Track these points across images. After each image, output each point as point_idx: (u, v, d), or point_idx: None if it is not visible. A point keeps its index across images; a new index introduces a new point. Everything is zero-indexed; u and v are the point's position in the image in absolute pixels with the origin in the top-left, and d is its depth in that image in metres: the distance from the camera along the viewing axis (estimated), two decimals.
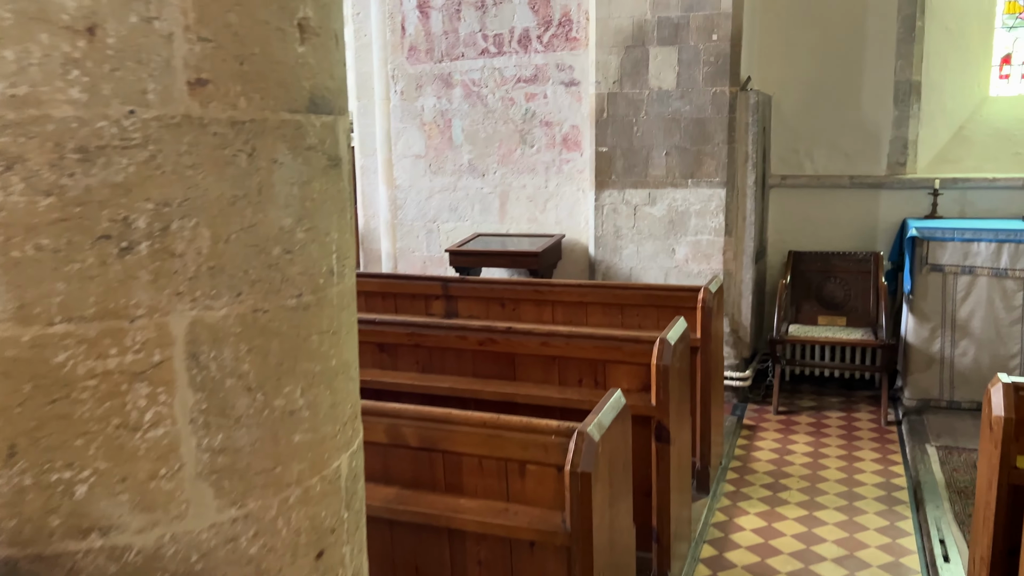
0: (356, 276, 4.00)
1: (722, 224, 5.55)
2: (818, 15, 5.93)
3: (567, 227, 6.18)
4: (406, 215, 6.73)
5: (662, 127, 5.61)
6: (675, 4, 5.48)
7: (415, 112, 6.51)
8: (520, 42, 6.07)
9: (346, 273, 1.38)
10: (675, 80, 5.54)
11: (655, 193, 5.68)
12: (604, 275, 5.90)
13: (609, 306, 4.19)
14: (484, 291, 4.45)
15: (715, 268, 5.61)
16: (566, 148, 6.06)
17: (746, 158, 5.58)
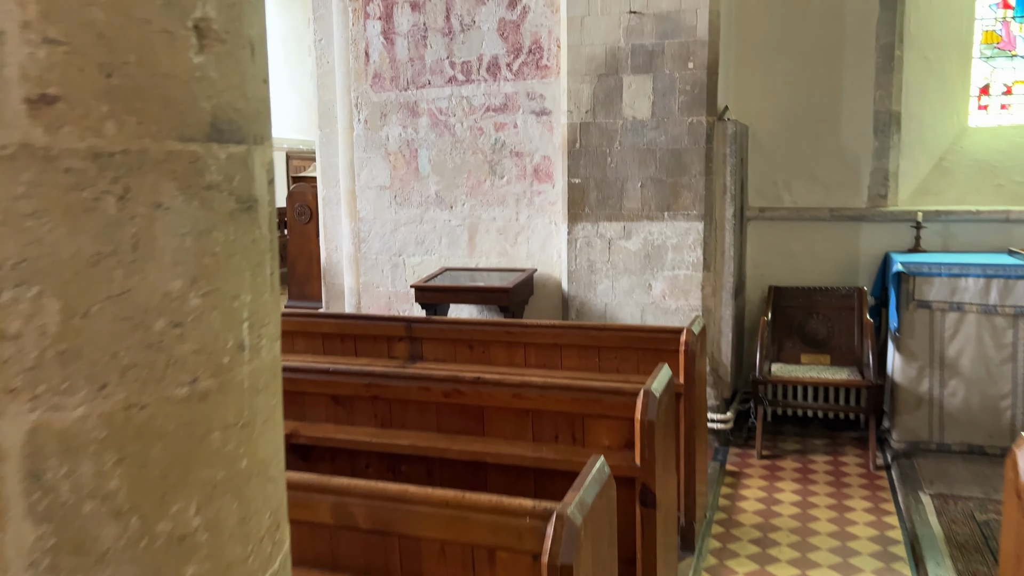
0: (315, 316, 3.56)
1: (700, 258, 5.31)
2: (796, 43, 5.78)
3: (539, 261, 5.91)
4: (370, 248, 6.42)
5: (637, 158, 5.38)
6: (649, 31, 5.29)
7: (380, 142, 6.23)
8: (489, 70, 5.84)
9: (263, 345, 1.08)
10: (650, 109, 5.33)
11: (630, 226, 5.44)
12: (578, 311, 5.63)
13: (585, 348, 3.91)
14: (451, 332, 4.14)
15: (693, 304, 5.36)
16: (537, 179, 5.82)
17: (724, 190, 5.37)
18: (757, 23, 5.85)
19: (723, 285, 5.42)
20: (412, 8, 6.00)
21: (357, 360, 4.26)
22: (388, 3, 6.07)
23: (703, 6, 5.16)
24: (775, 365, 5.35)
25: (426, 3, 5.95)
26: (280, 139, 16.25)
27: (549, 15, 5.64)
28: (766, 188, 5.97)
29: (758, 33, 5.86)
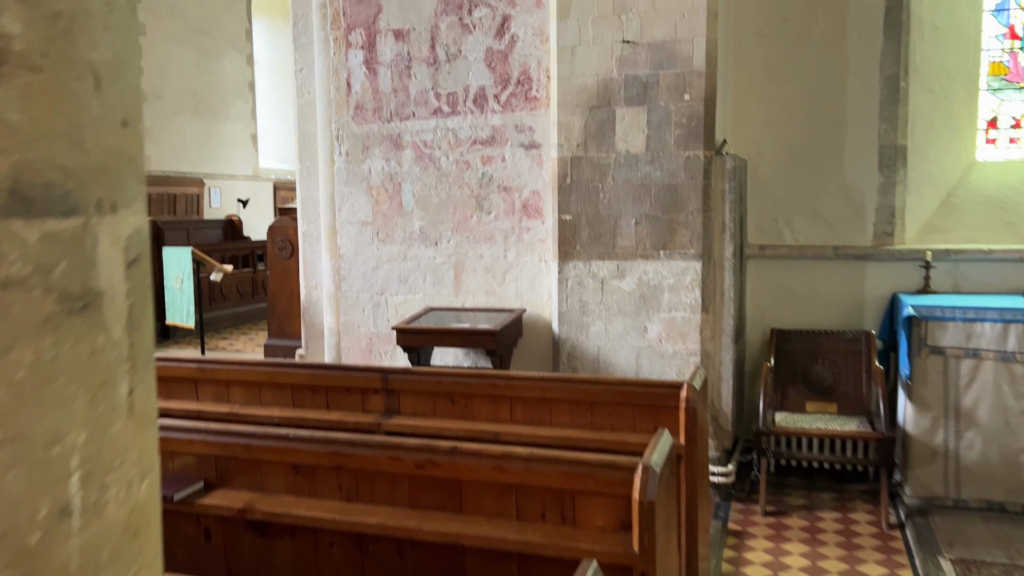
0: (283, 365, 3.11)
1: (698, 300, 5.01)
2: (796, 74, 5.54)
3: (528, 301, 5.60)
4: (351, 287, 6.10)
5: (631, 194, 5.10)
6: (643, 61, 5.03)
7: (361, 175, 5.94)
8: (476, 101, 5.57)
9: (110, 499, 0.76)
10: (644, 143, 5.06)
11: (624, 265, 5.14)
12: (569, 354, 5.31)
13: (577, 404, 3.58)
14: (431, 384, 3.81)
15: (692, 348, 5.05)
16: (526, 215, 5.53)
17: (723, 228, 5.09)
18: (756, 52, 5.61)
19: (723, 328, 5.12)
20: (396, 37, 5.74)
21: (329, 414, 3.92)
22: (371, 32, 5.81)
23: (700, 35, 4.91)
24: (779, 414, 5.02)
25: (410, 32, 5.70)
26: (267, 169, 16.00)
27: (539, 45, 5.39)
28: (766, 225, 5.69)
29: (757, 63, 5.61)
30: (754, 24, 5.60)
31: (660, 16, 4.98)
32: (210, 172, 14.21)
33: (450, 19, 5.59)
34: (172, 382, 4.28)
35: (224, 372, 4.16)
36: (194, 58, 13.69)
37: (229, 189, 14.73)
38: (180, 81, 13.38)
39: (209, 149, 14.22)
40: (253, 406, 4.10)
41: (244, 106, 15.22)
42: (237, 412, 4.04)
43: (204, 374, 4.20)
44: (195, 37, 13.66)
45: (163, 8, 12.90)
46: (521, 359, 5.55)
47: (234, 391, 4.17)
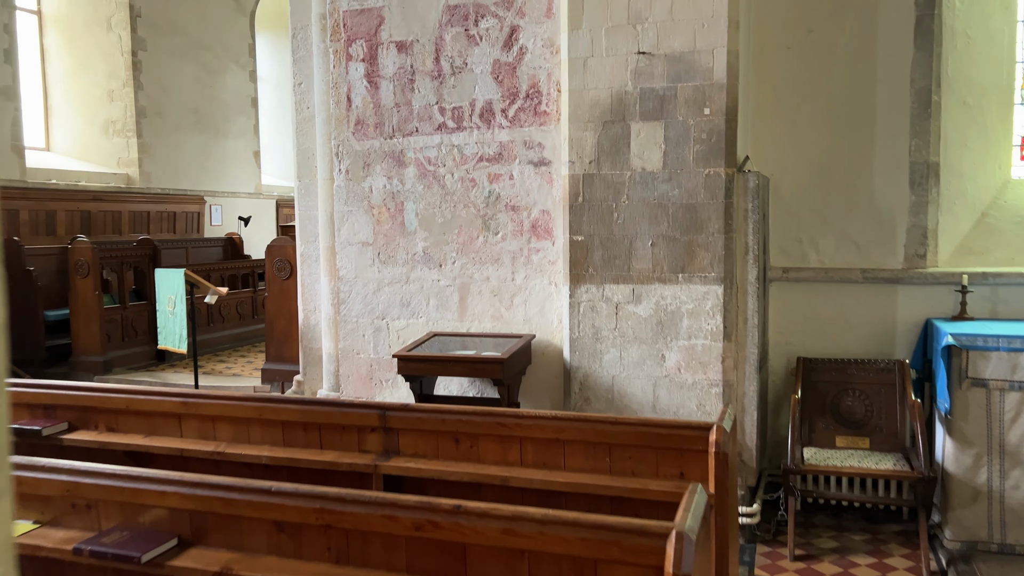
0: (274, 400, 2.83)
1: (720, 326, 4.69)
2: (822, 87, 5.24)
3: (537, 326, 5.29)
4: (351, 310, 5.79)
5: (647, 213, 4.80)
6: (660, 73, 4.74)
7: (362, 194, 5.65)
8: (482, 116, 5.29)
9: None
10: (661, 160, 4.76)
11: (640, 289, 4.83)
12: (582, 384, 4.99)
13: (593, 445, 3.26)
14: (433, 423, 3.49)
15: (713, 378, 4.72)
16: (536, 236, 5.22)
17: (746, 249, 4.77)
18: (778, 65, 5.32)
19: (746, 357, 4.79)
20: (398, 49, 5.47)
21: (322, 454, 3.60)
22: (372, 44, 5.54)
23: (720, 46, 4.62)
24: (808, 450, 4.68)
25: (413, 44, 5.42)
26: (270, 186, 15.75)
27: (549, 56, 5.10)
28: (790, 246, 5.38)
29: (779, 76, 5.32)
30: (776, 35, 5.31)
31: (678, 26, 4.69)
32: (211, 189, 13.96)
33: (455, 30, 5.31)
34: (155, 417, 3.97)
35: (210, 407, 3.84)
36: (195, 74, 13.48)
37: (231, 207, 14.47)
38: (181, 97, 13.16)
39: (210, 166, 13.98)
40: (240, 444, 3.79)
41: (247, 122, 14.99)
42: (223, 451, 3.73)
43: (188, 409, 3.88)
44: (197, 53, 13.46)
45: (164, 23, 12.70)
46: (530, 388, 5.23)
47: (221, 427, 3.85)
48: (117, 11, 12.07)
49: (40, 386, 4.21)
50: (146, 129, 12.46)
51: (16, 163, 10.43)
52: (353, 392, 5.81)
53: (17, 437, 4.05)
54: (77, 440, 3.98)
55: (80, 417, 4.11)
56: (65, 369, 8.79)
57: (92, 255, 8.61)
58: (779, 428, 5.39)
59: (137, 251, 9.58)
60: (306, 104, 6.47)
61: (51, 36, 12.02)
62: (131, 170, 12.37)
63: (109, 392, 4.04)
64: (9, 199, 10.18)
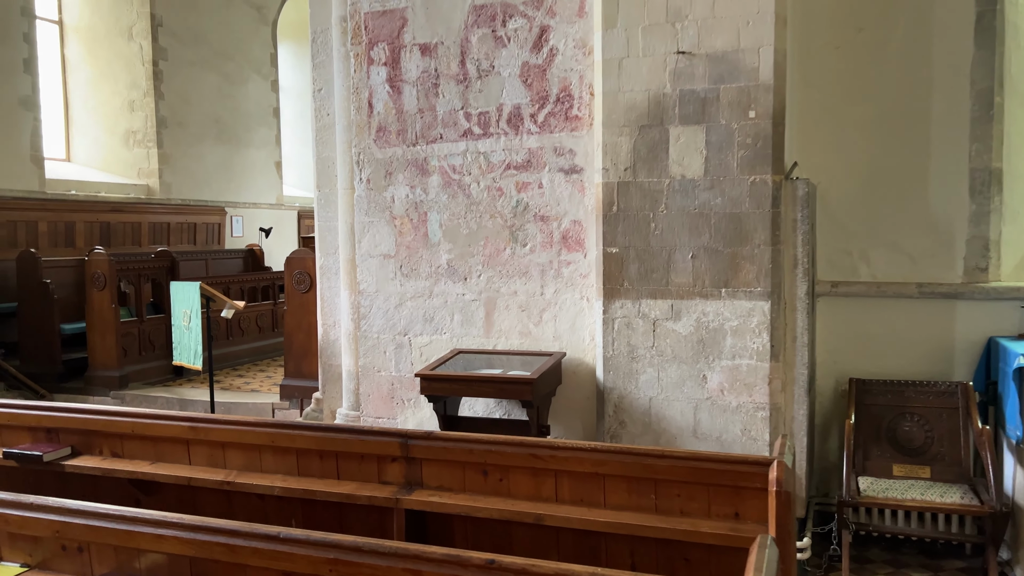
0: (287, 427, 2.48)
1: (767, 345, 4.36)
2: (873, 88, 4.91)
3: (568, 343, 4.98)
4: (371, 326, 5.51)
5: (687, 224, 4.48)
6: (701, 74, 4.43)
7: (384, 204, 5.38)
8: (510, 122, 5.01)
9: None
10: (702, 166, 4.45)
11: (679, 305, 4.51)
12: (616, 406, 4.67)
13: (638, 481, 2.94)
14: (459, 453, 3.19)
15: (759, 401, 4.39)
16: (566, 248, 4.92)
17: (795, 262, 4.44)
18: (825, 66, 5.00)
19: (795, 378, 4.45)
20: (422, 52, 5.21)
21: (339, 486, 3.32)
22: (395, 47, 5.29)
23: (767, 44, 4.31)
24: (863, 480, 4.33)
25: (438, 46, 5.16)
26: (292, 197, 15.60)
27: (581, 58, 4.82)
28: (838, 259, 5.04)
29: (827, 78, 4.99)
30: (823, 34, 4.99)
31: (721, 23, 4.39)
32: (232, 200, 13.82)
33: (482, 31, 5.05)
34: (162, 443, 3.71)
35: (219, 432, 3.57)
36: (217, 84, 13.36)
37: (252, 218, 14.33)
38: (203, 107, 13.04)
39: (231, 177, 13.84)
40: (252, 473, 3.51)
41: (268, 133, 14.87)
42: (233, 481, 3.46)
43: (197, 434, 3.62)
44: (218, 63, 13.34)
45: (186, 33, 12.60)
46: (560, 410, 4.92)
47: (231, 454, 3.58)
48: (138, 20, 11.98)
49: (42, 408, 3.97)
50: (167, 139, 12.33)
51: (36, 174, 10.32)
52: (373, 412, 5.54)
53: (17, 463, 3.81)
54: (80, 467, 3.73)
55: (84, 441, 3.86)
56: (81, 384, 8.61)
57: (109, 267, 8.43)
58: (827, 453, 5.04)
59: (155, 263, 9.39)
60: (326, 111, 6.24)
61: (72, 46, 11.94)
62: (151, 181, 12.25)
63: (114, 416, 3.79)
64: (28, 210, 10.06)
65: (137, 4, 11.97)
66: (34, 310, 8.74)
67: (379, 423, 5.47)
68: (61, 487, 3.89)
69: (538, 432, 4.56)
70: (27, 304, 8.80)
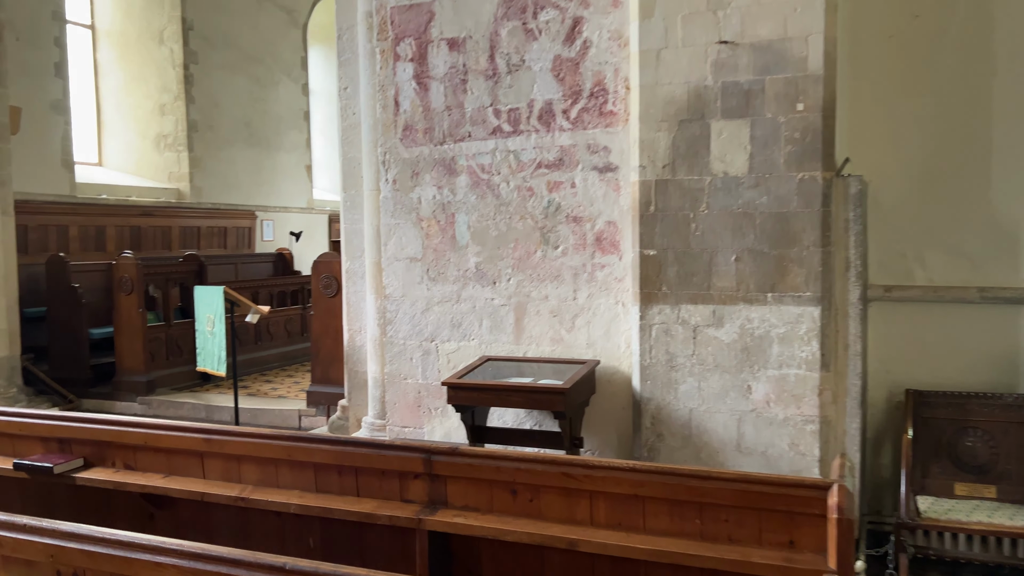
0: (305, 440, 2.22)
1: (816, 354, 4.07)
2: (929, 79, 4.60)
3: (602, 351, 4.73)
4: (397, 331, 5.31)
5: (730, 224, 4.21)
6: (745, 65, 4.16)
7: (410, 205, 5.18)
8: (541, 118, 4.78)
9: None
10: (747, 163, 4.17)
11: (722, 310, 4.24)
12: (654, 418, 4.41)
13: (681, 504, 2.69)
14: (487, 470, 2.96)
15: (808, 414, 4.10)
16: (600, 250, 4.68)
17: (846, 265, 4.15)
18: (877, 56, 4.70)
19: (847, 389, 4.16)
20: (450, 47, 5.00)
21: (359, 503, 3.11)
22: (422, 42, 5.09)
23: (816, 32, 4.03)
24: (923, 500, 4.02)
25: (466, 40, 4.95)
26: (322, 201, 15.51)
27: (616, 50, 4.57)
28: (891, 262, 4.72)
29: (879, 69, 4.69)
30: (875, 22, 4.69)
31: (766, 11, 4.12)
32: (262, 204, 13.76)
33: (512, 24, 4.82)
34: (175, 455, 3.53)
35: (234, 445, 3.39)
36: (247, 87, 13.32)
37: (282, 222, 14.27)
38: (233, 111, 13.00)
39: (262, 180, 13.79)
40: (268, 488, 3.32)
41: (299, 136, 14.80)
42: (248, 497, 3.26)
43: (211, 447, 3.44)
44: (249, 66, 13.30)
45: (216, 36, 12.56)
46: (594, 421, 4.67)
47: (246, 468, 3.39)
48: (169, 24, 11.97)
49: (54, 418, 3.82)
50: (197, 143, 12.30)
51: (66, 178, 10.32)
52: (399, 421, 5.33)
53: (28, 474, 3.66)
54: (91, 479, 3.57)
55: (96, 453, 3.70)
56: (109, 389, 8.54)
57: (136, 271, 8.35)
58: (879, 468, 4.73)
59: (183, 267, 9.32)
60: (352, 110, 6.07)
61: (104, 50, 11.96)
62: (182, 185, 12.22)
63: (126, 426, 3.62)
64: (59, 214, 10.05)
65: (168, 8, 11.96)
66: (63, 315, 8.69)
67: (405, 433, 5.26)
68: (73, 500, 3.74)
69: (571, 444, 4.32)
70: (56, 309, 8.75)
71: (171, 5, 11.97)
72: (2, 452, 3.90)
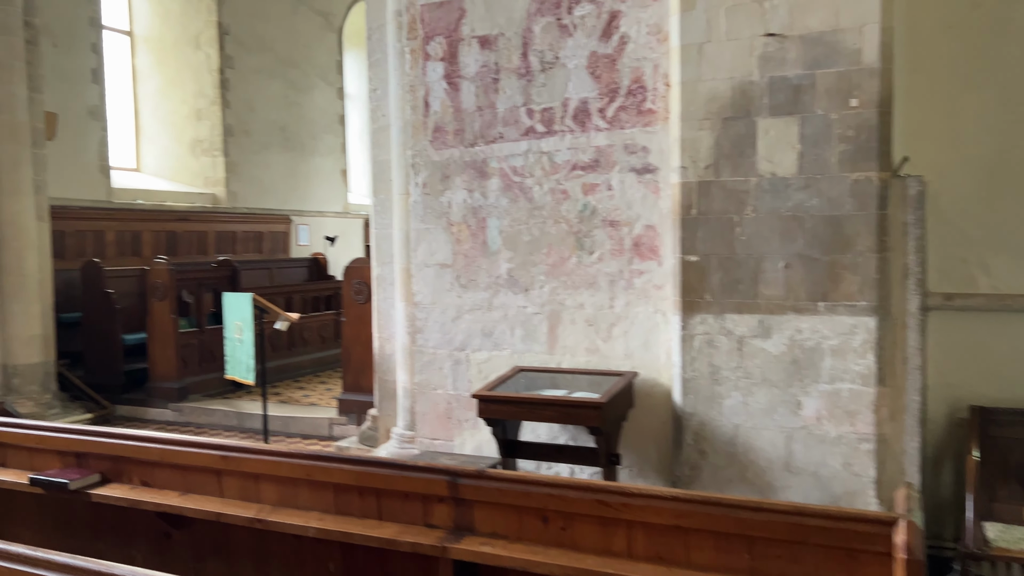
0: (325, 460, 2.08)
1: (872, 367, 3.79)
2: (992, 72, 4.28)
3: (641, 362, 4.49)
4: (427, 340, 5.13)
5: (778, 228, 3.95)
6: (794, 59, 3.90)
7: (440, 209, 5.00)
8: (576, 118, 4.56)
9: None
10: (796, 163, 3.91)
11: (770, 320, 3.98)
12: (696, 434, 4.16)
13: (728, 537, 2.45)
14: (516, 496, 2.75)
15: (863, 431, 3.82)
16: (639, 256, 4.44)
17: (905, 272, 3.86)
18: (935, 48, 4.39)
19: (905, 405, 3.86)
20: (481, 45, 4.81)
21: (380, 528, 2.92)
22: (452, 40, 4.90)
23: (871, 21, 3.75)
24: (990, 527, 3.71)
25: (498, 38, 4.75)
26: (358, 205, 15.45)
27: (655, 45, 4.34)
28: (952, 268, 4.41)
29: (937, 61, 4.39)
30: (934, 11, 4.39)
31: (816, 1, 3.85)
32: (298, 209, 13.73)
33: (546, 20, 4.62)
34: (192, 472, 3.38)
35: (252, 463, 3.23)
36: (283, 92, 13.30)
37: (318, 226, 14.23)
38: (268, 115, 12.99)
39: (297, 185, 13.76)
40: (286, 509, 3.15)
41: (334, 140, 14.77)
42: (265, 519, 3.09)
43: (228, 464, 3.28)
44: (284, 70, 13.28)
45: (252, 41, 12.56)
46: (632, 437, 4.44)
47: (264, 488, 3.23)
48: (205, 29, 11.98)
49: (72, 431, 3.70)
50: (233, 148, 12.30)
51: (103, 184, 10.36)
52: (429, 433, 5.15)
53: (44, 490, 3.54)
54: (107, 497, 3.43)
55: (113, 468, 3.57)
56: (142, 395, 8.51)
57: (169, 277, 8.31)
58: (938, 489, 4.41)
59: (216, 272, 9.26)
60: (381, 112, 5.92)
61: (142, 56, 12.02)
62: (217, 189, 12.23)
63: (143, 441, 3.48)
64: (95, 220, 10.09)
65: (205, 12, 11.98)
66: (97, 320, 8.69)
67: (435, 445, 5.08)
68: (91, 516, 3.62)
69: (607, 461, 4.10)
70: (91, 314, 8.75)
71: (207, 10, 11.99)
72: (19, 466, 3.80)
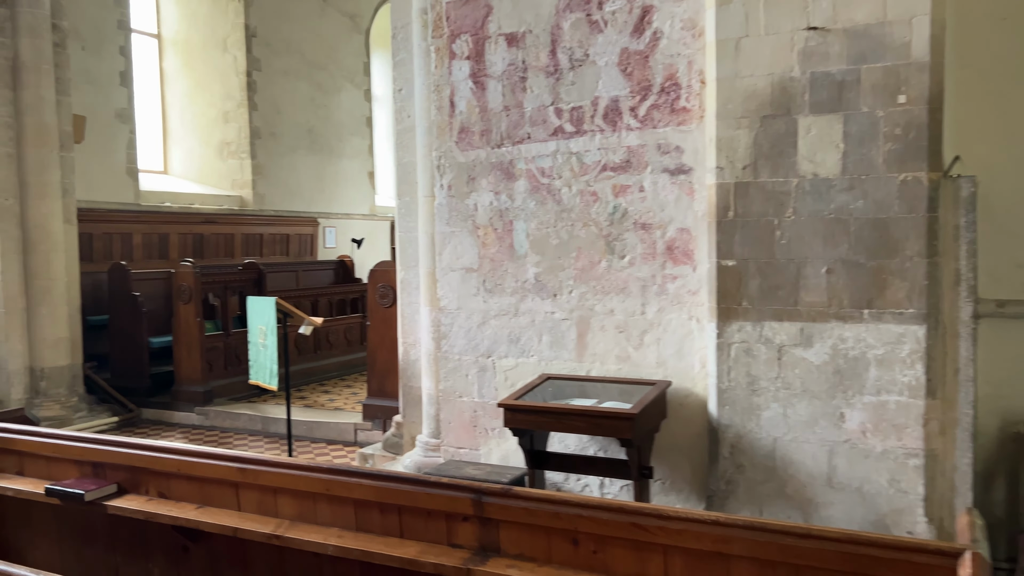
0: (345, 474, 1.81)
1: (921, 378, 3.58)
2: None
3: (674, 371, 4.31)
4: (452, 346, 4.99)
5: (820, 231, 3.76)
6: (837, 53, 3.71)
7: (466, 212, 4.86)
8: (606, 117, 4.40)
9: None
10: (839, 163, 3.71)
11: (811, 328, 3.78)
12: (733, 447, 3.98)
13: (773, 565, 2.27)
14: (544, 516, 2.60)
15: (911, 446, 3.61)
16: (672, 260, 4.27)
17: (956, 278, 3.64)
18: (986, 42, 4.17)
19: (956, 419, 3.65)
20: (508, 43, 4.66)
21: (402, 547, 2.78)
22: (479, 38, 4.76)
23: (921, 13, 3.55)
24: None
25: (526, 35, 4.61)
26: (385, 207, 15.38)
27: (689, 40, 4.16)
28: (1006, 273, 4.18)
29: (988, 56, 4.17)
30: (983, 3, 4.17)
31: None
32: (325, 211, 13.69)
33: (575, 16, 4.46)
34: (209, 484, 3.27)
35: (270, 476, 3.11)
36: (310, 93, 13.27)
37: (344, 228, 14.18)
38: (295, 117, 12.96)
39: (324, 187, 13.73)
40: (305, 525, 3.02)
41: (361, 143, 14.71)
42: (283, 535, 2.97)
43: (246, 477, 3.16)
44: (311, 72, 13.25)
45: (279, 43, 12.54)
46: (665, 449, 4.26)
47: (283, 502, 3.11)
48: (233, 31, 11.98)
49: (89, 440, 3.61)
50: (260, 150, 12.28)
51: (130, 186, 10.37)
52: (455, 441, 5.01)
53: (60, 501, 3.45)
54: (122, 509, 3.34)
55: (130, 479, 3.47)
56: (167, 399, 8.48)
57: (194, 280, 8.27)
58: (990, 505, 4.19)
59: (242, 275, 9.22)
60: (406, 112, 5.80)
61: (170, 59, 12.04)
62: (244, 192, 12.21)
63: (159, 452, 3.38)
64: (123, 222, 10.10)
65: (232, 15, 11.98)
66: (124, 323, 8.68)
67: (460, 455, 4.94)
68: (107, 526, 3.53)
69: (639, 474, 3.93)
70: (118, 317, 8.75)
71: (235, 12, 11.98)
72: (37, 475, 3.72)
